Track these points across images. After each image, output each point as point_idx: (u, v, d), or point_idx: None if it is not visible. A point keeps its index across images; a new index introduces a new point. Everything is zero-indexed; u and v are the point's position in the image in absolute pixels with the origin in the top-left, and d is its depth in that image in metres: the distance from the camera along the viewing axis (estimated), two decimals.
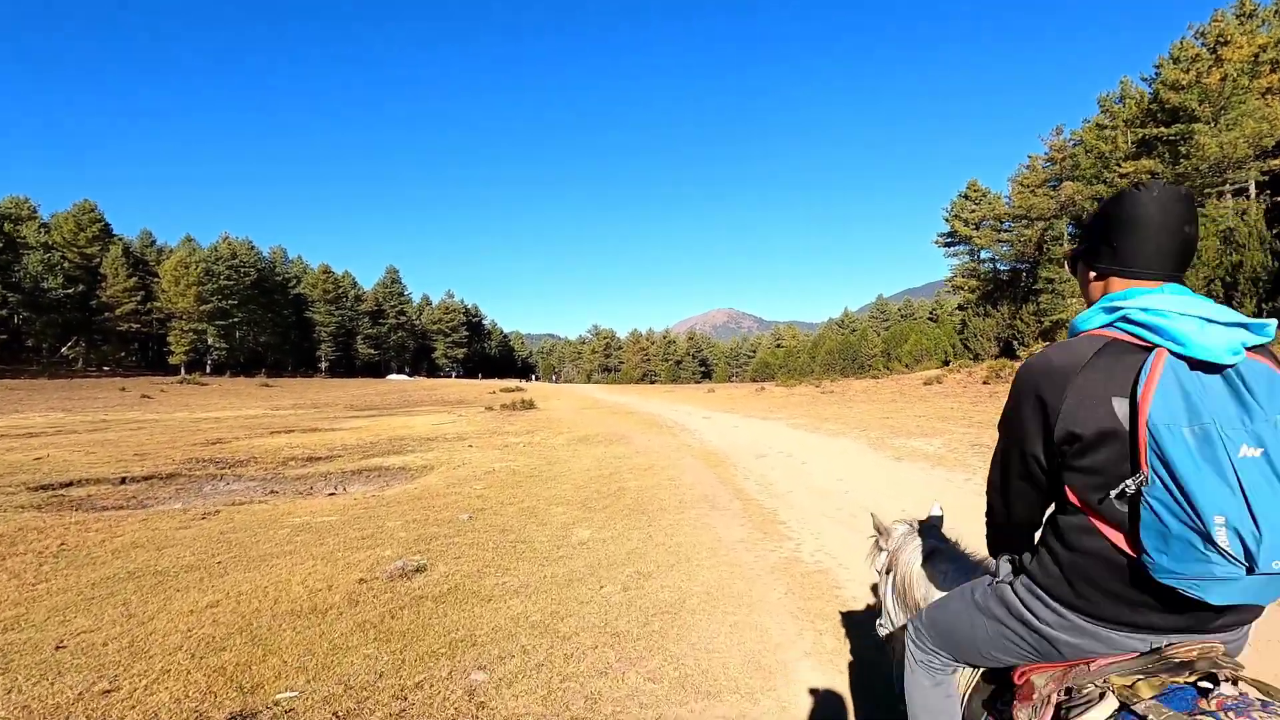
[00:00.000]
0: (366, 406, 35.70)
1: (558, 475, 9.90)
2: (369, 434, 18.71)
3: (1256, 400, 1.07)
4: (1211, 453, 1.04)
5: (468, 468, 11.30)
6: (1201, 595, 1.08)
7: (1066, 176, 27.37)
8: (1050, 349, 1.28)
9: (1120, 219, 1.28)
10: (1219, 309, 1.16)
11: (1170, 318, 1.14)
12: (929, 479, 8.24)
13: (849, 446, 11.54)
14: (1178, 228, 1.24)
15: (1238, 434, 1.05)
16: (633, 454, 12.05)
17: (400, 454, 13.90)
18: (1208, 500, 1.03)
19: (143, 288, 58.43)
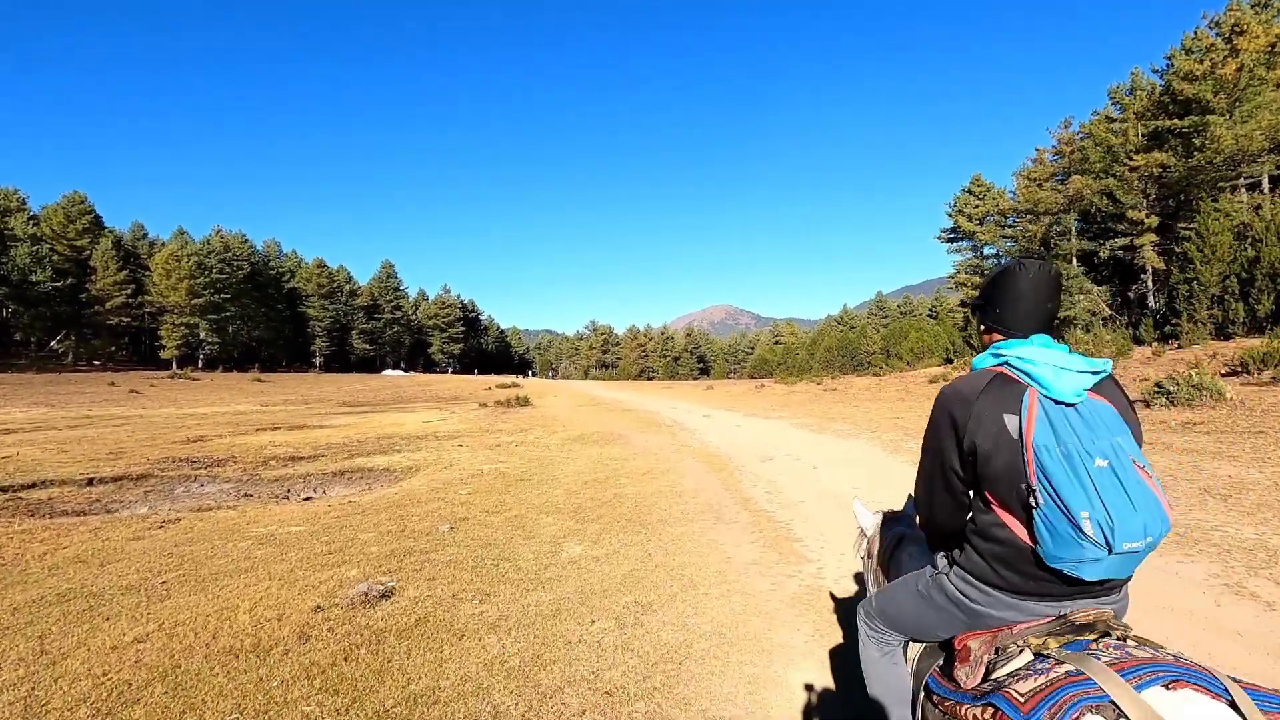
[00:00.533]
0: (359, 403, 35.04)
1: (550, 479, 9.28)
2: (357, 432, 18.09)
3: (1100, 426, 1.47)
4: (1074, 466, 1.42)
5: (455, 469, 10.68)
6: (1079, 574, 1.45)
7: (1075, 170, 26.70)
8: (958, 380, 1.65)
9: (1003, 289, 1.68)
10: (1071, 358, 1.54)
11: (1037, 364, 1.52)
12: None
13: (863, 450, 10.86)
14: (1044, 301, 1.64)
15: (1091, 451, 1.43)
16: (630, 455, 11.44)
17: (386, 454, 13.27)
18: (1076, 502, 1.40)
19: (134, 281, 57.57)
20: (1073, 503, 1.38)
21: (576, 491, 8.18)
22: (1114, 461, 1.41)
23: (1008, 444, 1.50)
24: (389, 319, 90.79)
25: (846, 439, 12.28)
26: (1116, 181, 25.09)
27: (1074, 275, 27.43)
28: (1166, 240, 25.58)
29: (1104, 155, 25.81)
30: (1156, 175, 24.82)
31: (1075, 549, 1.40)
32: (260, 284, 70.97)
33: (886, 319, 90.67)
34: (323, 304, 78.07)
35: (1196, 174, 23.05)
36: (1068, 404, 1.48)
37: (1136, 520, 1.37)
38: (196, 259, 59.35)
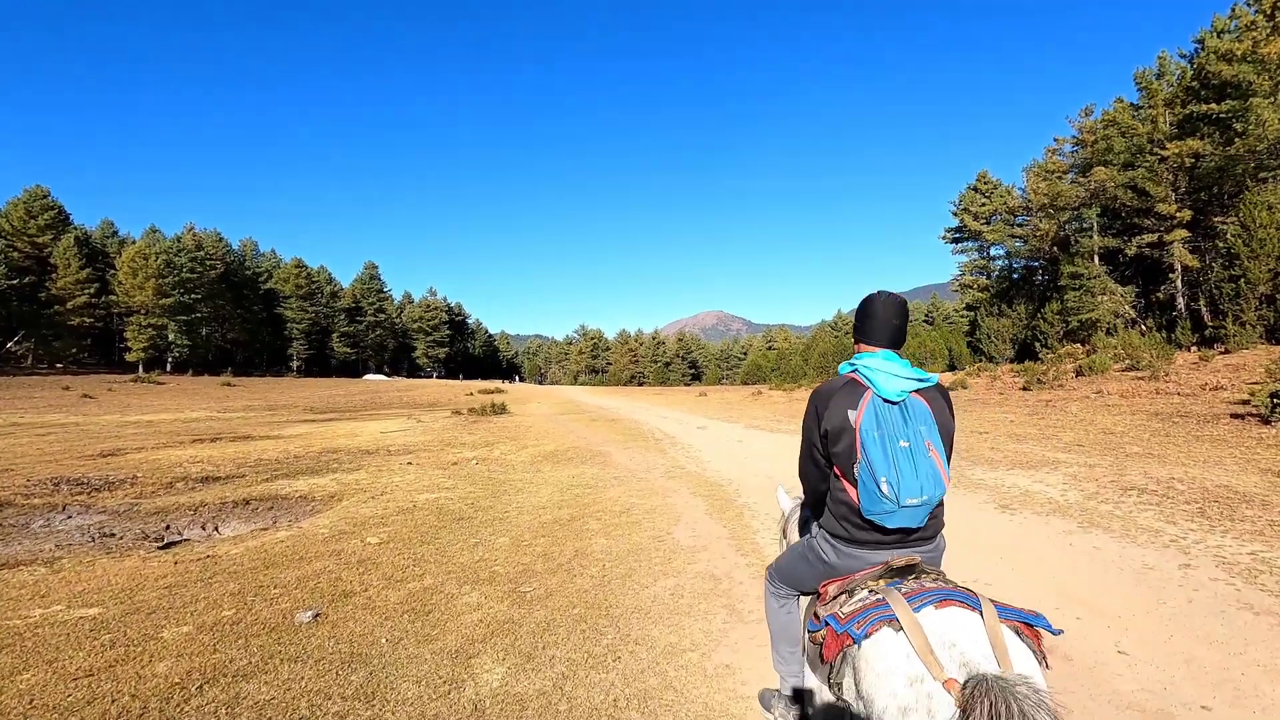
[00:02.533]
0: (327, 409, 32.62)
1: (498, 518, 6.99)
2: (302, 444, 15.78)
3: (910, 418, 2.03)
4: (884, 445, 1.98)
5: (384, 499, 8.36)
6: (884, 523, 2.01)
7: (1097, 161, 24.69)
8: (825, 383, 2.25)
9: (864, 312, 2.27)
10: (903, 368, 2.11)
11: (875, 372, 2.09)
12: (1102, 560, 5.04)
13: None
14: (890, 320, 2.22)
15: (898, 435, 1.99)
16: (608, 482, 9.14)
17: (317, 474, 10.96)
18: (879, 469, 1.95)
19: (98, 280, 54.77)
20: (878, 470, 1.96)
21: (526, 542, 5.89)
22: (912, 444, 1.99)
23: (847, 430, 2.07)
24: (372, 321, 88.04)
25: None
26: (1146, 172, 23.07)
27: (1096, 275, 25.39)
28: (1199, 236, 23.62)
29: (1130, 145, 23.80)
30: (1188, 166, 22.83)
31: (879, 504, 1.97)
32: (235, 284, 68.18)
33: None
34: (301, 305, 75.25)
35: (1235, 162, 21.05)
36: (893, 401, 2.05)
37: (916, 483, 1.95)
38: (165, 257, 56.62)
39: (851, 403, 2.06)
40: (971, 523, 6.26)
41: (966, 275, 39.30)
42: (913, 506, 1.94)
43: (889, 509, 1.95)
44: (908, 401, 2.05)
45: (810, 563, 2.32)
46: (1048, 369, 18.94)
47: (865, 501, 2.00)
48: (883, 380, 2.05)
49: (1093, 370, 17.62)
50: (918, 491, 1.93)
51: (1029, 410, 14.89)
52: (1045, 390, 17.31)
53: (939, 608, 1.69)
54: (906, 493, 1.92)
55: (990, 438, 11.49)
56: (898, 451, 1.95)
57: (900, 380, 2.06)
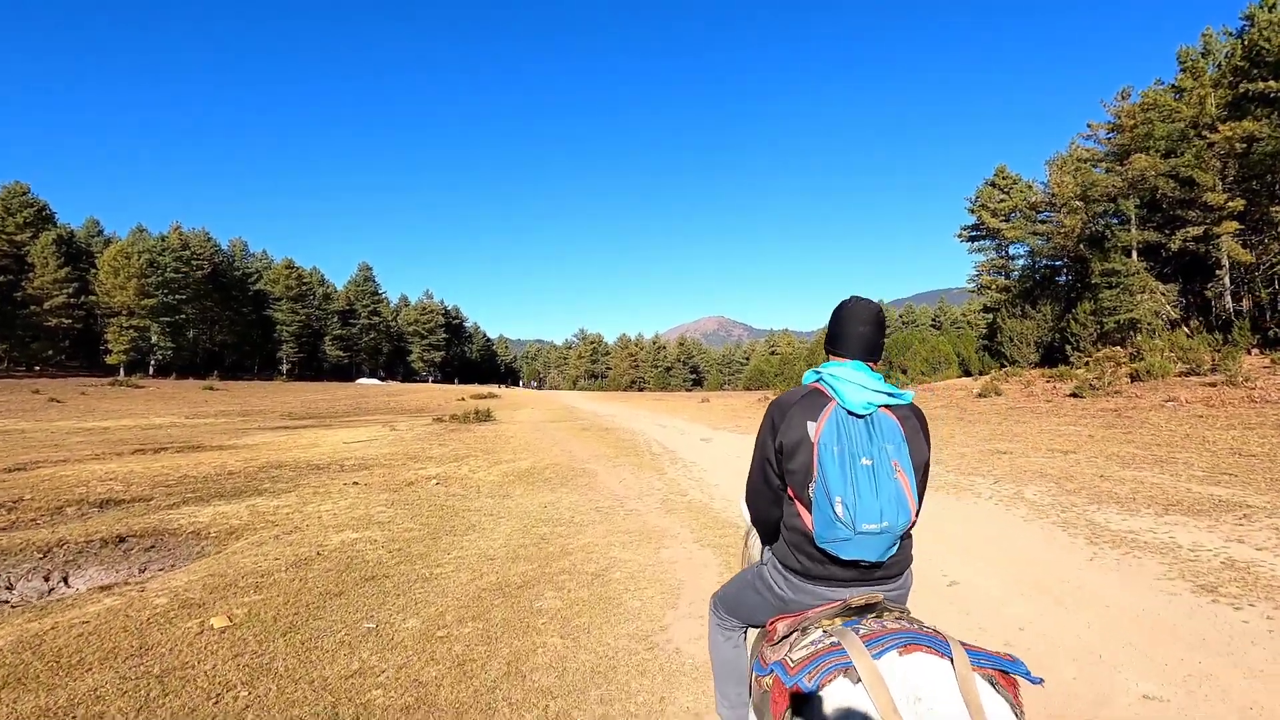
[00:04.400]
0: (306, 415, 30.67)
1: (422, 580, 4.90)
2: (247, 457, 13.80)
3: (876, 434, 1.73)
4: (844, 462, 1.68)
5: (291, 540, 6.30)
6: (839, 553, 1.70)
7: (1136, 148, 22.65)
8: (785, 393, 1.95)
9: (834, 320, 1.99)
10: (873, 380, 1.81)
11: (841, 382, 1.80)
12: None
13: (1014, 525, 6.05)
14: (858, 330, 1.93)
15: (860, 452, 1.69)
16: (586, 518, 7.04)
17: (238, 498, 8.95)
18: (835, 487, 1.66)
19: (77, 279, 52.81)
20: (833, 487, 1.66)
21: (441, 635, 3.80)
22: (876, 462, 1.68)
23: (805, 443, 1.77)
24: (366, 324, 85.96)
25: (960, 495, 7.50)
26: (1192, 158, 21.00)
27: (1135, 271, 23.29)
28: (1251, 228, 21.57)
29: (1174, 129, 21.75)
30: (1239, 151, 20.78)
31: (832, 528, 1.67)
32: (224, 285, 66.19)
33: (890, 329, 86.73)
34: (292, 307, 73.12)
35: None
36: (858, 415, 1.75)
37: (875, 506, 1.64)
38: (148, 256, 54.64)
39: (812, 414, 1.81)
40: (1181, 628, 3.64)
41: (984, 275, 37.22)
42: (870, 534, 1.66)
43: (844, 535, 1.67)
44: (875, 416, 1.78)
45: (760, 594, 2.02)
46: (1102, 373, 16.87)
47: (819, 526, 1.73)
48: (849, 391, 1.79)
49: (1150, 374, 15.61)
50: (876, 516, 1.65)
51: (1101, 422, 12.73)
52: (1101, 397, 15.24)
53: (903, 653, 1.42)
54: (864, 516, 1.65)
55: (1083, 459, 9.23)
56: (858, 469, 1.68)
57: (868, 392, 1.79)
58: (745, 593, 2.11)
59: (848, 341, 1.93)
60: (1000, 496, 7.19)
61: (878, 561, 1.74)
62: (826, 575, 1.80)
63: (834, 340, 1.97)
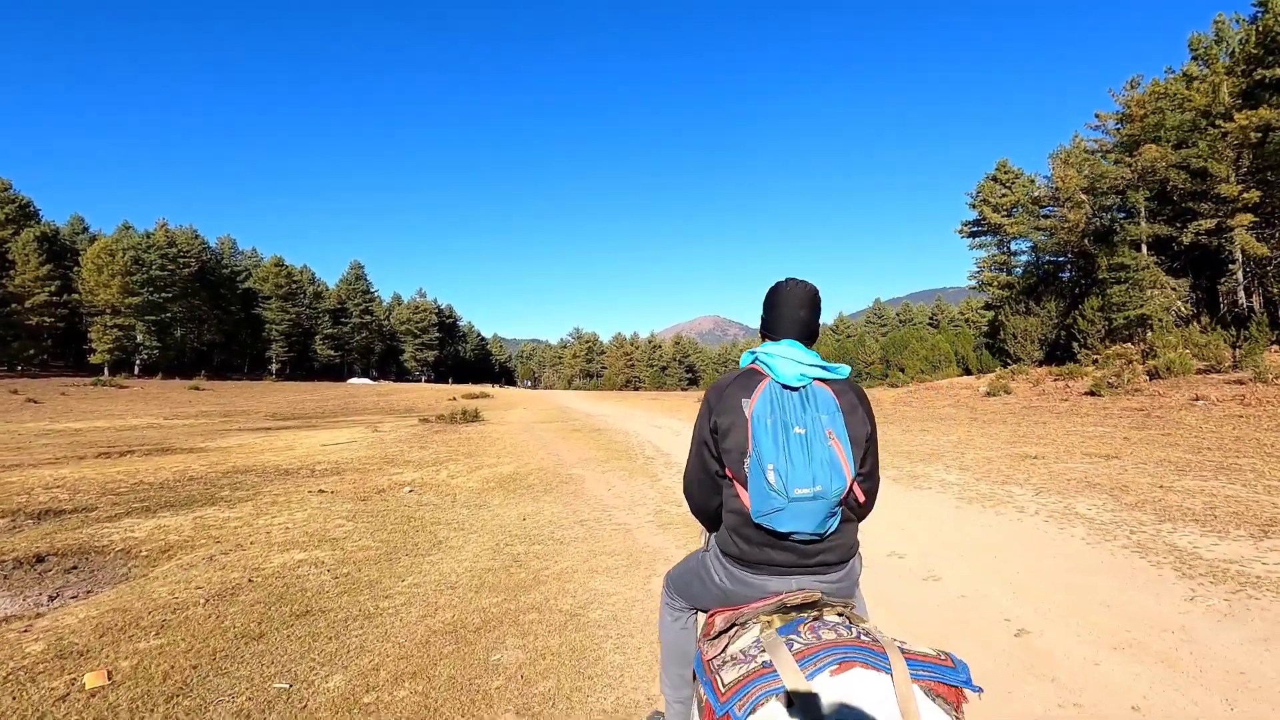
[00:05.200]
0: (290, 416, 29.79)
1: (363, 616, 4.06)
2: (215, 461, 13.00)
3: (811, 406, 1.69)
4: (776, 430, 1.64)
5: (229, 559, 5.48)
6: (773, 525, 1.64)
7: (1147, 138, 21.91)
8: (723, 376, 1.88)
9: (769, 301, 1.95)
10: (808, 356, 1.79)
11: (775, 359, 1.78)
12: None
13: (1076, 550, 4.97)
14: (795, 311, 1.90)
15: (794, 421, 1.66)
16: (568, 533, 6.19)
17: (188, 508, 8.14)
18: (768, 455, 1.62)
19: (60, 277, 51.67)
20: (765, 455, 1.62)
21: (374, 696, 2.95)
22: (809, 430, 1.65)
23: (739, 421, 1.73)
24: (357, 323, 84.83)
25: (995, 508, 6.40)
26: (1205, 148, 20.26)
27: (1145, 266, 22.54)
28: (1267, 221, 20.84)
29: (1185, 119, 21.01)
30: (1254, 141, 20.04)
31: (767, 499, 1.62)
32: (211, 283, 65.02)
33: (885, 327, 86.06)
34: (281, 306, 71.96)
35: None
36: (792, 387, 1.72)
37: (808, 472, 1.60)
38: (133, 253, 53.52)
39: (747, 391, 1.77)
40: None
41: (986, 272, 36.48)
42: (804, 499, 1.61)
43: (778, 504, 1.62)
44: (810, 388, 1.75)
45: (703, 583, 1.96)
46: (1119, 371, 16.11)
47: (755, 500, 1.67)
48: (782, 365, 1.77)
49: (1170, 372, 14.86)
50: (809, 480, 1.61)
51: (1130, 423, 11.89)
52: (1121, 396, 14.48)
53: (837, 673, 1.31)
54: (796, 481, 1.60)
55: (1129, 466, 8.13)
56: (791, 438, 1.65)
57: (801, 366, 1.77)
58: (690, 579, 2.06)
59: (783, 324, 1.91)
60: (1048, 511, 6.25)
61: (815, 536, 1.69)
62: (764, 560, 1.75)
63: (769, 324, 1.95)
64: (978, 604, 4.00)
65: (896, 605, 3.95)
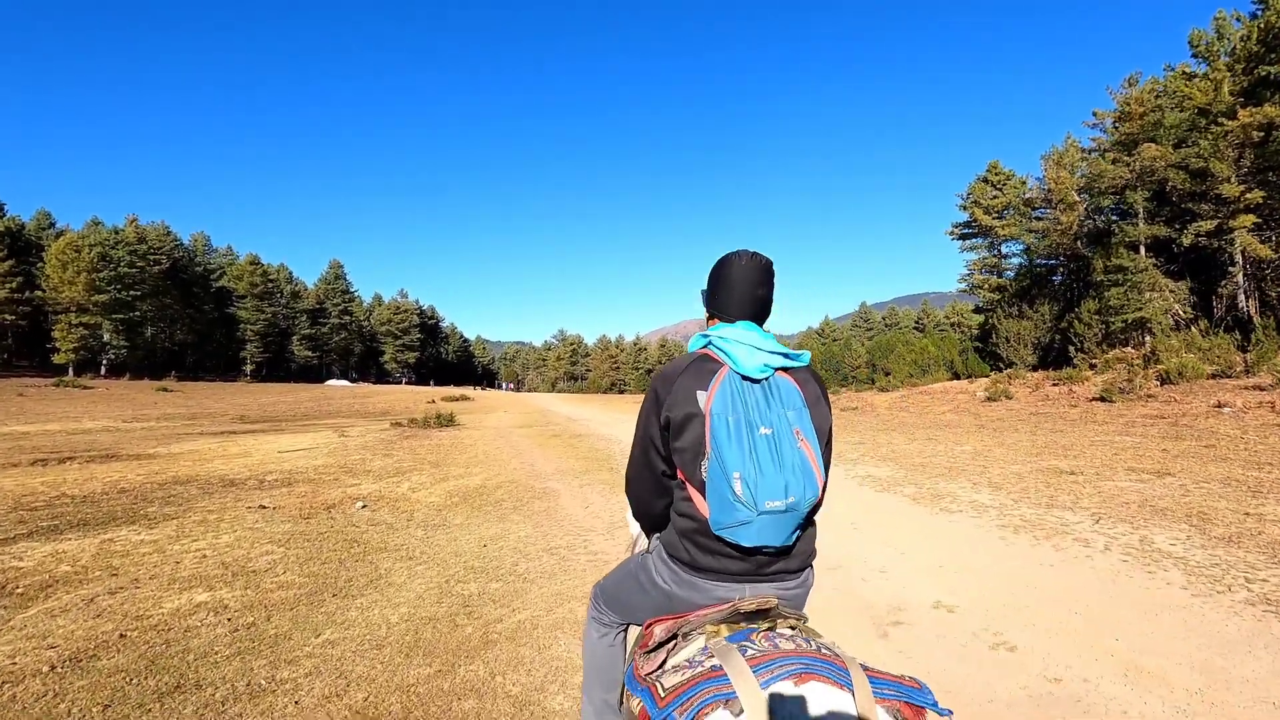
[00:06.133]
0: (258, 419, 28.47)
1: (254, 692, 3.02)
2: (161, 469, 11.95)
3: (774, 400, 1.49)
4: (740, 432, 1.42)
5: (102, 606, 4.43)
6: (736, 539, 1.43)
7: (1145, 137, 21.35)
8: (669, 363, 1.65)
9: (720, 277, 1.71)
10: (767, 341, 1.57)
11: (732, 344, 1.55)
12: None
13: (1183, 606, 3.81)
14: (752, 289, 1.67)
15: (758, 420, 1.44)
16: (534, 567, 5.15)
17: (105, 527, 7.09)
18: (732, 461, 1.39)
19: (23, 273, 49.77)
20: (729, 462, 1.40)
21: None
22: (776, 430, 1.44)
23: (695, 417, 1.50)
24: (336, 324, 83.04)
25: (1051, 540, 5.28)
26: (1208, 145, 19.69)
27: (1144, 268, 21.95)
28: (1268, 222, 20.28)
29: (1186, 117, 20.45)
30: (1256, 140, 19.49)
31: (731, 511, 1.41)
32: (184, 282, 63.14)
33: (871, 331, 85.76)
34: (257, 305, 70.08)
35: None
36: (754, 380, 1.51)
37: (779, 480, 1.39)
38: (100, 249, 51.67)
39: (701, 382, 1.53)
40: None
41: (976, 275, 35.92)
42: (775, 512, 1.41)
43: (745, 517, 1.41)
44: (773, 380, 1.54)
45: (642, 587, 1.70)
46: (1130, 376, 15.39)
47: (715, 510, 1.45)
48: (741, 354, 1.55)
49: (1182, 376, 14.16)
50: (781, 491, 1.40)
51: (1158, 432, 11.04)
52: (1135, 402, 13.73)
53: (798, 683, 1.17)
54: (767, 492, 1.40)
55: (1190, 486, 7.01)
56: (756, 440, 1.43)
57: (763, 354, 1.55)
58: (626, 584, 1.80)
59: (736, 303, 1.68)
60: (1121, 547, 5.06)
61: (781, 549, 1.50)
62: (718, 568, 1.54)
63: (719, 301, 1.71)
64: (1087, 696, 2.89)
65: (964, 690, 2.93)
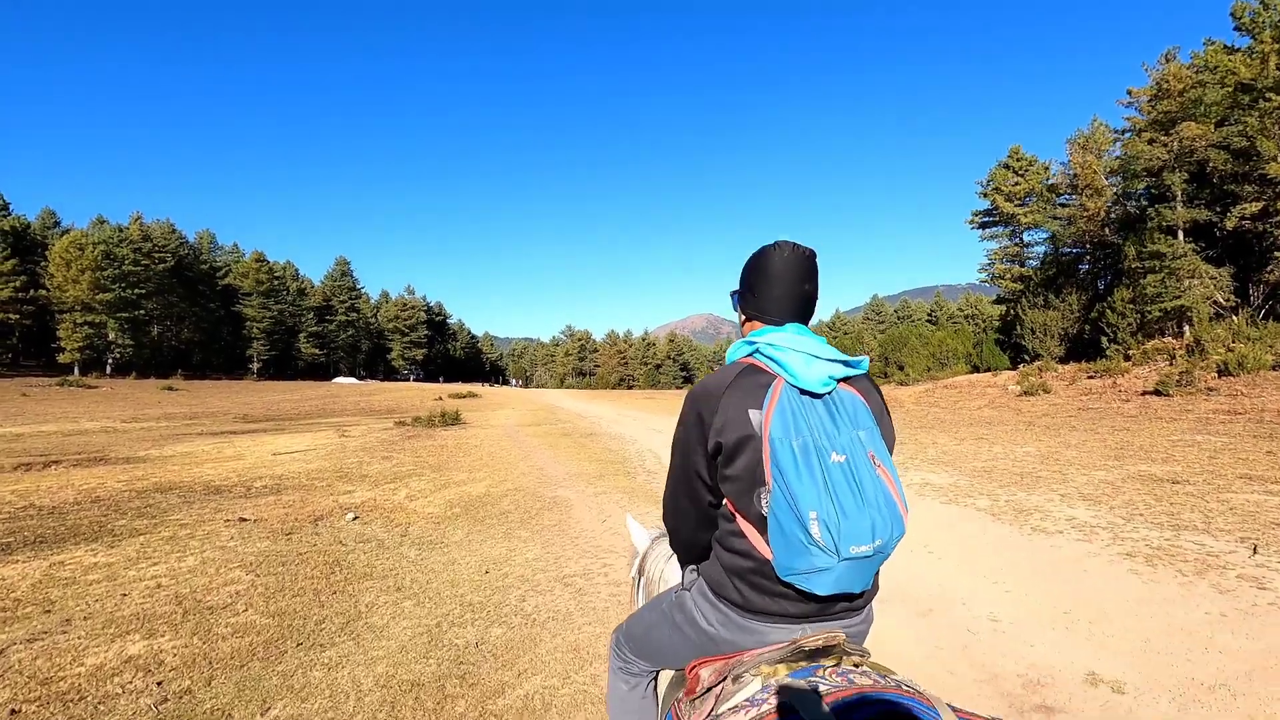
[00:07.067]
0: (261, 418, 27.82)
1: None
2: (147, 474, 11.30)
3: (844, 419, 1.26)
4: (809, 460, 1.19)
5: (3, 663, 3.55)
6: (811, 588, 1.21)
7: (1184, 116, 20.22)
8: (708, 376, 1.40)
9: (759, 272, 1.47)
10: (824, 347, 1.34)
11: (785, 352, 1.31)
12: None
13: None
14: (798, 285, 1.44)
15: (828, 445, 1.21)
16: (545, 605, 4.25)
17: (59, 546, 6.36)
18: (805, 499, 1.16)
19: (28, 272, 49.34)
20: (802, 498, 1.18)
21: None
22: (851, 455, 1.23)
23: (750, 441, 1.28)
24: (343, 321, 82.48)
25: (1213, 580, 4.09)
26: (1254, 122, 18.55)
27: (1183, 254, 20.84)
28: None
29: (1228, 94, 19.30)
30: None
31: (804, 556, 1.19)
32: (189, 280, 62.65)
33: (884, 324, 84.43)
34: (263, 303, 69.52)
35: None
36: (815, 394, 1.29)
37: (864, 519, 1.17)
38: (104, 248, 51.16)
39: (754, 399, 1.29)
40: None
41: (998, 264, 34.72)
42: (861, 558, 1.17)
43: (824, 564, 1.17)
44: (836, 394, 1.31)
45: (680, 630, 1.46)
46: (1189, 368, 14.35)
47: (782, 554, 1.21)
48: (797, 363, 1.30)
49: (1243, 368, 13.14)
50: (867, 534, 1.16)
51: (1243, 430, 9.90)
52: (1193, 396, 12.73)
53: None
54: (851, 536, 1.15)
55: None
56: (830, 469, 1.19)
57: (822, 363, 1.31)
58: (660, 629, 1.55)
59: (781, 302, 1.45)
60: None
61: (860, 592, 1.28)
62: (777, 611, 1.31)
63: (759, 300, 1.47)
64: None
65: None
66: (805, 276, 1.44)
